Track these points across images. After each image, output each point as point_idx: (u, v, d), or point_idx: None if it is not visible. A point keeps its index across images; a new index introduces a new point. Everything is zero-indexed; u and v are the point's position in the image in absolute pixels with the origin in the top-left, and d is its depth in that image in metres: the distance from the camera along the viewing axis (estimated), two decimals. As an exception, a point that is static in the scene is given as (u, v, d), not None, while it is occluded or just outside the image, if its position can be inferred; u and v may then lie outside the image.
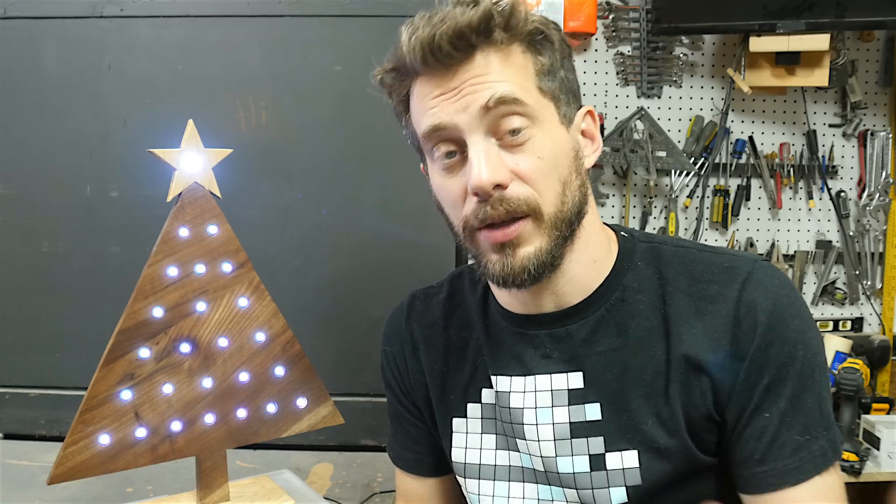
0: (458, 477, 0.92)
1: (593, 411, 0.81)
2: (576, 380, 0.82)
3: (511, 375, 0.86)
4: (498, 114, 0.74)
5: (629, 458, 0.79)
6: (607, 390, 0.81)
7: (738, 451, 0.78)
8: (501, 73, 0.74)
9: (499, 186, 0.74)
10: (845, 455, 1.62)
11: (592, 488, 0.81)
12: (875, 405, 1.76)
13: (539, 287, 0.81)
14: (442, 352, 0.94)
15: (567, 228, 0.77)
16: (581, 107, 0.83)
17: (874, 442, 1.66)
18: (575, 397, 0.82)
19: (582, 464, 0.81)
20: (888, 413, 1.76)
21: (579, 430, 0.81)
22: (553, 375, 0.83)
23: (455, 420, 0.91)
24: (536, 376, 0.84)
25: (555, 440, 0.82)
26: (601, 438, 0.80)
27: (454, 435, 0.91)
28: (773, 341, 0.75)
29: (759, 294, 0.77)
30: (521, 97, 0.74)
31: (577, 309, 0.83)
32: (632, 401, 0.80)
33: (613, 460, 0.80)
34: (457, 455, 0.91)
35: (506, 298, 0.87)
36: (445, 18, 0.72)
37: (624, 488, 0.79)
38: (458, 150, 0.77)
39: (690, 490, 0.80)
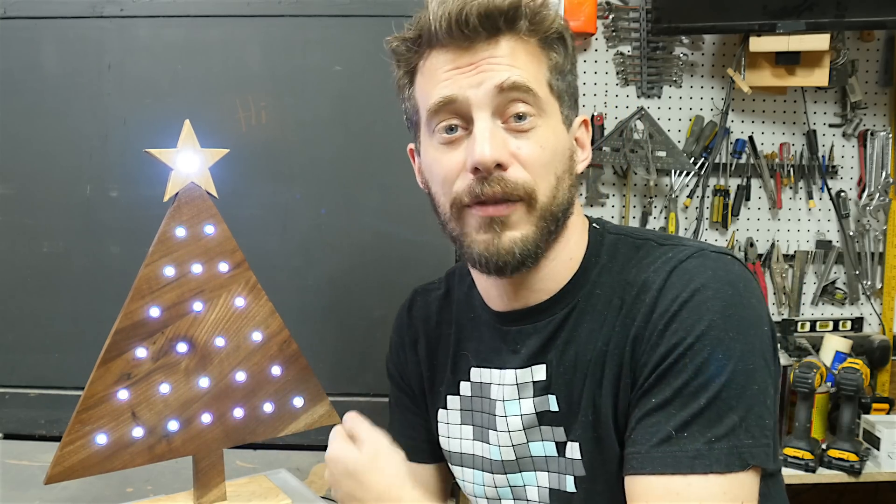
0: (448, 463, 0.97)
1: (553, 402, 0.84)
2: (539, 372, 0.85)
3: (490, 368, 0.90)
4: (509, 97, 0.76)
5: (574, 450, 0.81)
6: (561, 383, 0.83)
7: (627, 433, 0.76)
8: (519, 60, 0.77)
9: (499, 166, 0.75)
10: (846, 455, 1.61)
11: (559, 472, 0.83)
12: (875, 405, 1.76)
13: (515, 281, 0.83)
14: (434, 346, 0.99)
15: (554, 223, 0.79)
16: (577, 115, 0.86)
17: (874, 442, 1.65)
18: (539, 389, 0.85)
19: (551, 448, 0.84)
20: (888, 413, 1.76)
21: (545, 418, 0.84)
22: (518, 371, 0.86)
23: (440, 411, 0.97)
24: (505, 371, 0.88)
25: (524, 429, 0.86)
26: (562, 428, 0.83)
27: (440, 425, 0.97)
28: (677, 329, 0.73)
29: (681, 282, 0.75)
30: (534, 87, 0.77)
31: (546, 306, 0.85)
32: (578, 394, 0.81)
33: (568, 450, 0.82)
34: (444, 443, 0.97)
35: (485, 293, 0.90)
36: None
37: (573, 478, 0.82)
38: (462, 126, 0.78)
39: None
